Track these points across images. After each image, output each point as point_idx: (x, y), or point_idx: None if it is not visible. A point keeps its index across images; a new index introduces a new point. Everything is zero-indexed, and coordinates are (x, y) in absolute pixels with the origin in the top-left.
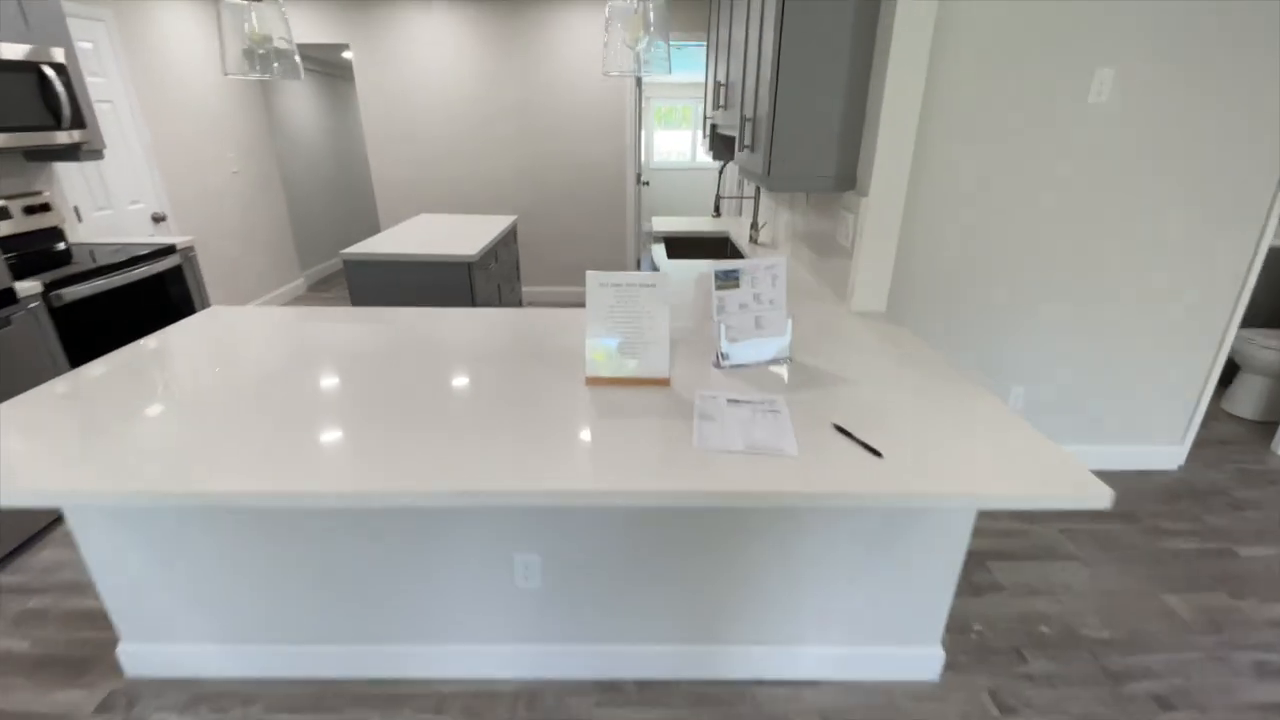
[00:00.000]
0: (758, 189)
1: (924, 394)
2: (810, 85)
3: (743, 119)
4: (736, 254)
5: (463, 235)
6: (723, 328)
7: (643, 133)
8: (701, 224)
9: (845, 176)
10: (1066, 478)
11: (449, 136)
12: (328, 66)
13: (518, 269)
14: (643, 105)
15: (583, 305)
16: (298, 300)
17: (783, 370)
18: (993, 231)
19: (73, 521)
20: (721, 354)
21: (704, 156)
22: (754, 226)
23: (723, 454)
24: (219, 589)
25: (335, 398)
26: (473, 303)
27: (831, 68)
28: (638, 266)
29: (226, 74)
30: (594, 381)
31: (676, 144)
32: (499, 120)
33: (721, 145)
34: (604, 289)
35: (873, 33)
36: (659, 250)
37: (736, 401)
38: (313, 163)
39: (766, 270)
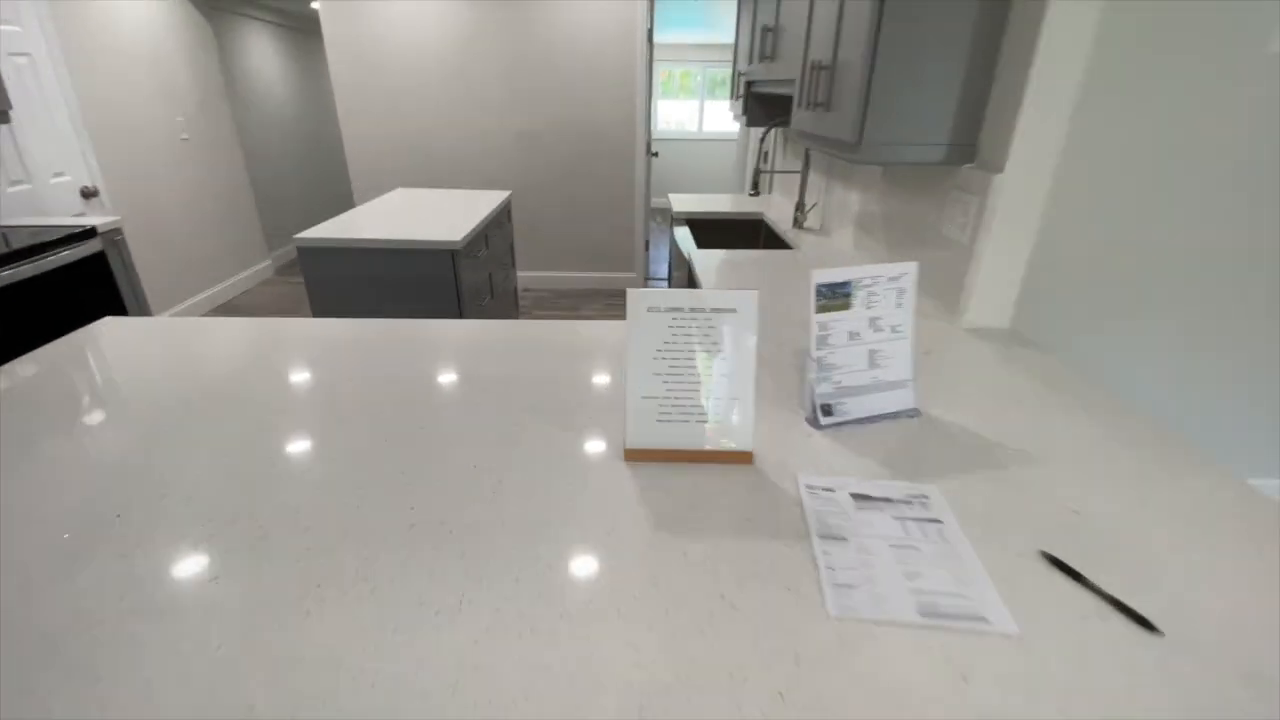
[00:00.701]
0: (806, 161)
1: (1151, 480)
2: (924, 22)
3: (809, 69)
4: (776, 241)
5: (446, 215)
6: (818, 367)
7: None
8: (727, 203)
9: (963, 146)
10: None
11: (432, 100)
12: (292, 19)
13: (512, 253)
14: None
15: (591, 302)
16: (265, 285)
17: (909, 430)
18: (1162, 230)
19: None
20: (820, 407)
21: (714, 125)
22: (799, 208)
23: (884, 627)
24: None
25: (191, 530)
26: (458, 296)
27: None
28: (646, 249)
29: None
30: (637, 455)
31: (679, 113)
32: (490, 82)
33: (760, 108)
34: (653, 316)
35: None
36: (684, 235)
37: (867, 498)
38: (281, 128)
39: (890, 283)
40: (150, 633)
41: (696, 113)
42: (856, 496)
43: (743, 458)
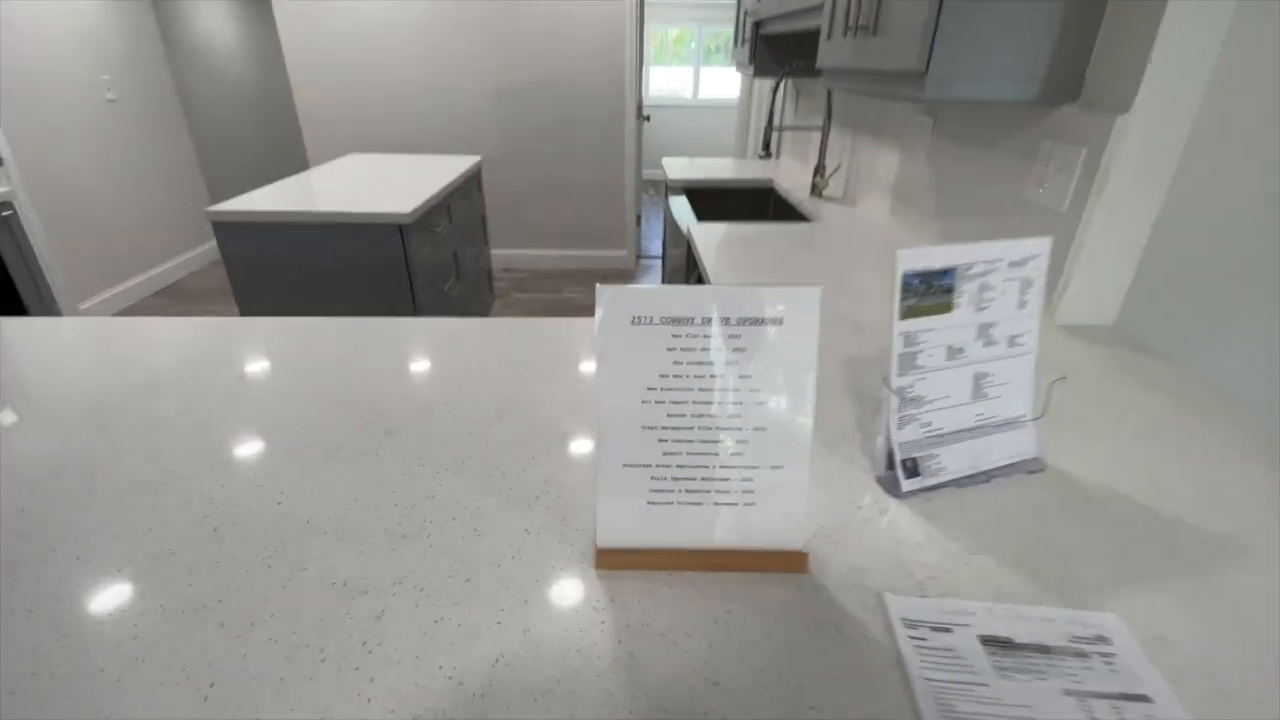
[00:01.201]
0: (827, 114)
1: None
2: None
3: None
4: (788, 213)
5: (401, 184)
6: (900, 402)
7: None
8: (730, 169)
9: (1064, 79)
10: None
11: (396, 57)
12: None
13: (484, 228)
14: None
15: (577, 283)
16: (215, 265)
17: (1034, 495)
18: None
19: None
20: (902, 464)
21: (710, 92)
22: (819, 172)
23: None
24: None
25: None
26: (409, 278)
27: None
28: (638, 225)
29: None
30: (615, 561)
31: (673, 81)
32: (462, 36)
33: (770, 55)
34: (641, 332)
35: None
36: (681, 206)
37: (1009, 647)
38: (230, 87)
39: (1013, 271)
40: None
41: (691, 82)
42: (991, 644)
43: (791, 562)
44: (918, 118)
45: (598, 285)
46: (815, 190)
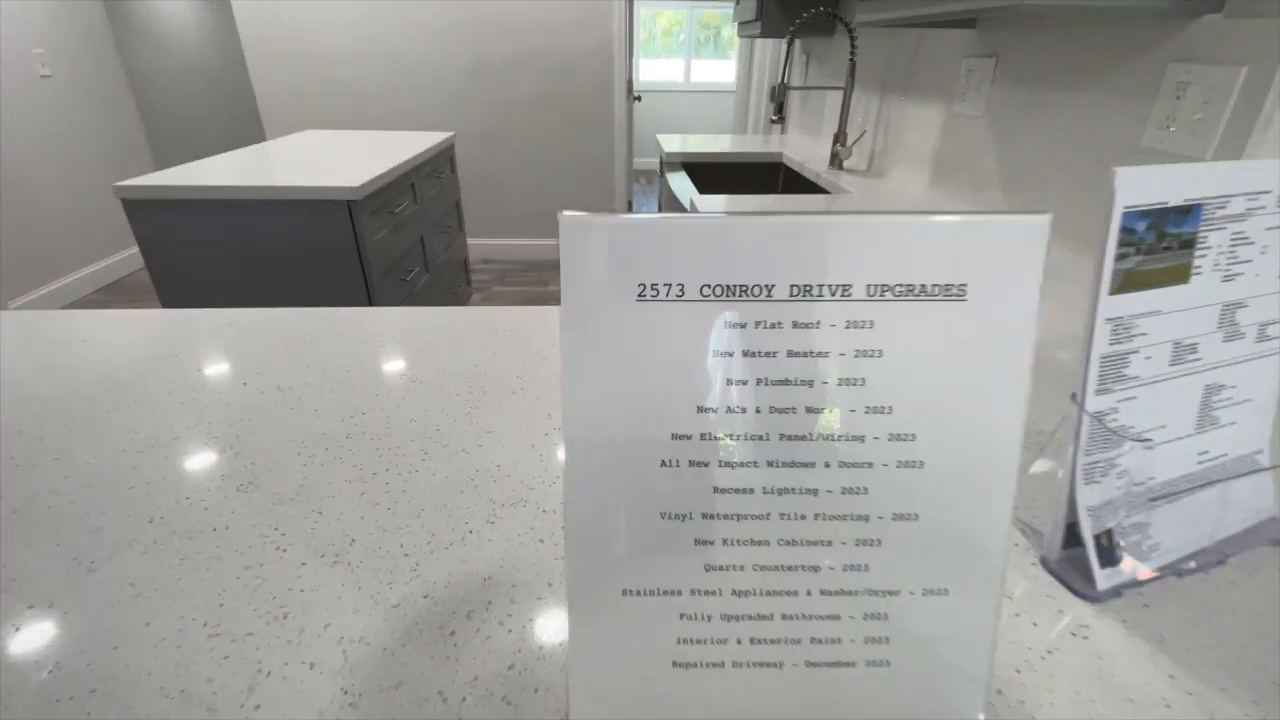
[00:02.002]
0: (850, 72)
1: None
2: None
3: None
4: (805, 188)
5: (356, 159)
6: (1103, 437)
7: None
8: (730, 143)
9: None
10: None
11: (360, 26)
12: None
13: (459, 213)
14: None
15: (558, 279)
16: None
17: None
18: None
19: None
20: (1097, 540)
21: (703, 76)
22: (839, 140)
23: None
24: None
25: None
26: (361, 265)
27: None
28: (629, 211)
29: None
30: None
31: (664, 71)
32: (429, 9)
33: (779, 8)
34: (654, 315)
35: None
36: (681, 182)
37: None
38: (183, 61)
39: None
40: None
41: (683, 70)
42: None
43: None
44: (973, 61)
45: (561, 215)
46: (835, 161)
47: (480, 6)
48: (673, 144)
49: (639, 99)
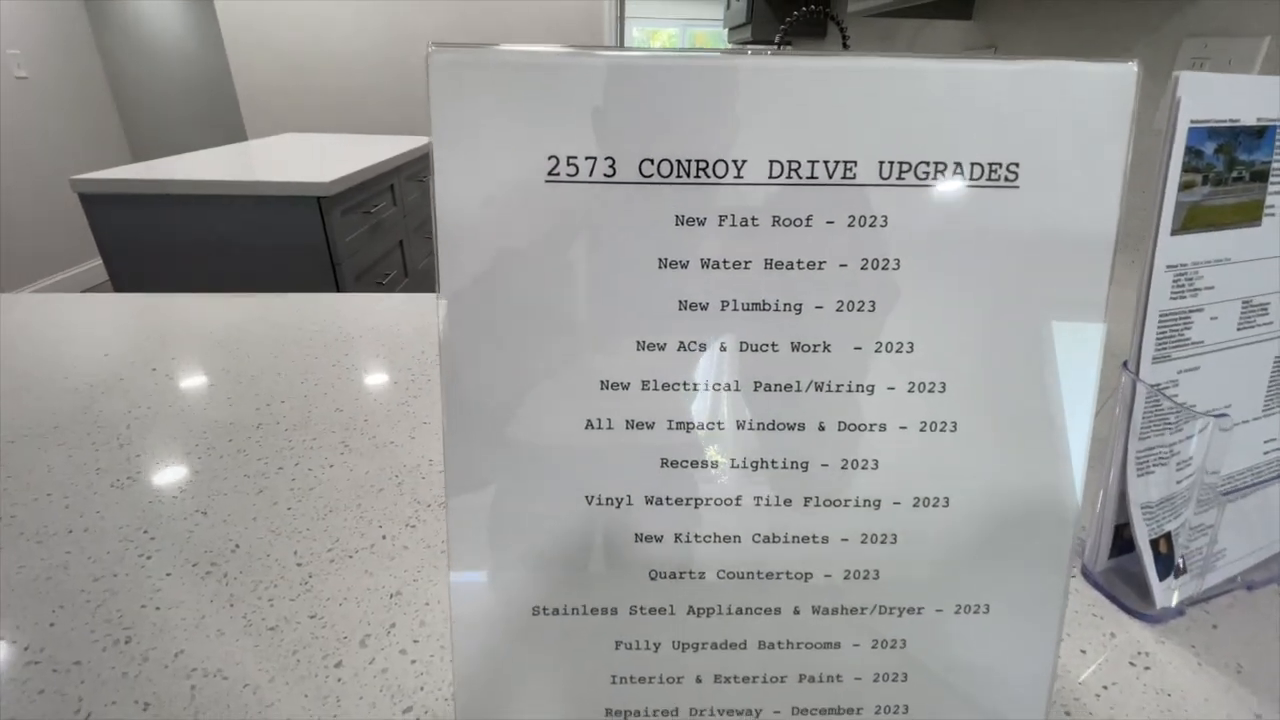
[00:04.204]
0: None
1: None
2: None
3: None
4: None
5: (332, 160)
6: (1161, 421)
7: None
8: None
9: None
10: None
11: (345, 28)
12: None
13: None
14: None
15: None
16: None
17: None
18: None
19: None
20: (1155, 546)
21: None
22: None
23: None
24: None
25: None
26: (332, 264)
27: None
28: None
29: None
30: None
31: None
32: (419, 13)
33: (769, 8)
34: (564, 201)
35: None
36: None
37: None
38: (166, 63)
39: None
40: None
41: None
42: None
43: None
44: (971, 54)
45: (431, 48)
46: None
47: (470, 15)
48: None
49: None
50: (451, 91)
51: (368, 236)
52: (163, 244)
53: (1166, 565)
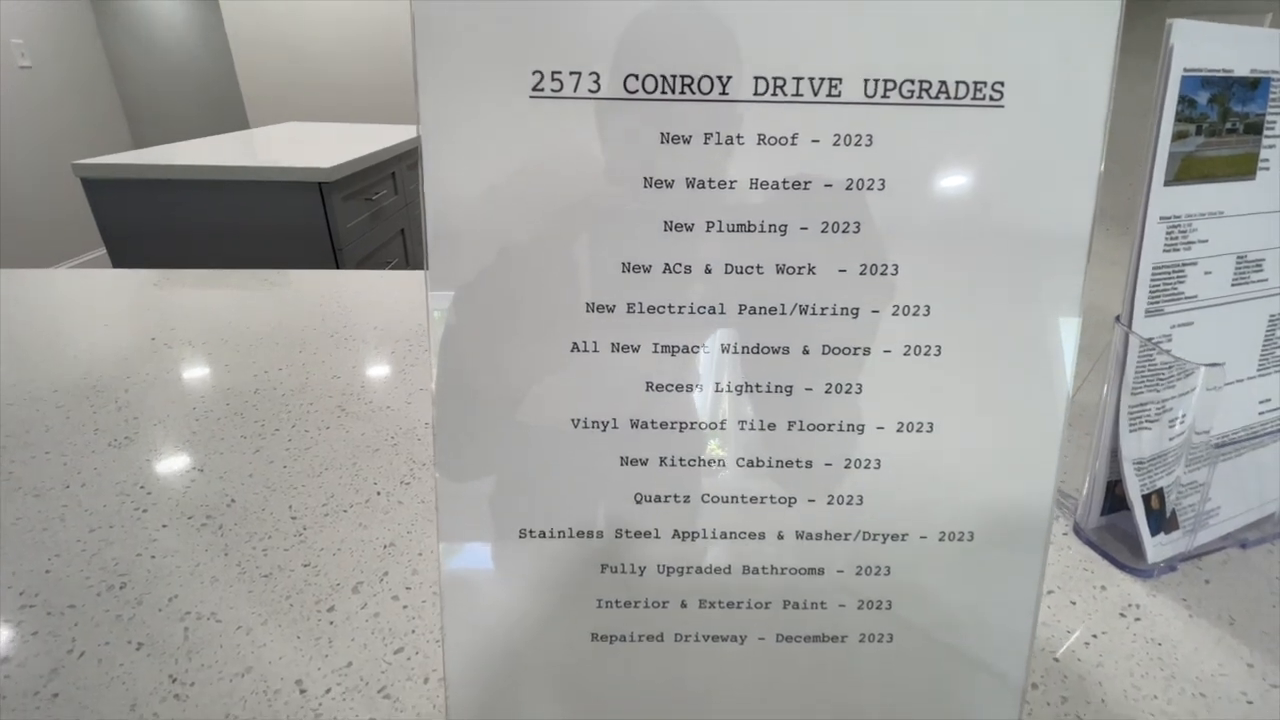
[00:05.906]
0: None
1: None
2: None
3: None
4: None
5: (334, 148)
6: (1154, 375)
7: None
8: None
9: None
10: None
11: (348, 20)
12: None
13: None
14: None
15: None
16: None
17: None
18: None
19: None
20: (1147, 501)
21: None
22: None
23: None
24: None
25: None
26: (334, 251)
27: None
28: None
29: None
30: None
31: None
32: None
33: None
34: (541, 122)
35: None
36: None
37: None
38: (167, 53)
39: None
40: None
41: None
42: None
43: None
44: None
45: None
46: None
47: None
48: None
49: None
50: (435, 3)
51: (369, 223)
52: (164, 229)
53: (1158, 521)
